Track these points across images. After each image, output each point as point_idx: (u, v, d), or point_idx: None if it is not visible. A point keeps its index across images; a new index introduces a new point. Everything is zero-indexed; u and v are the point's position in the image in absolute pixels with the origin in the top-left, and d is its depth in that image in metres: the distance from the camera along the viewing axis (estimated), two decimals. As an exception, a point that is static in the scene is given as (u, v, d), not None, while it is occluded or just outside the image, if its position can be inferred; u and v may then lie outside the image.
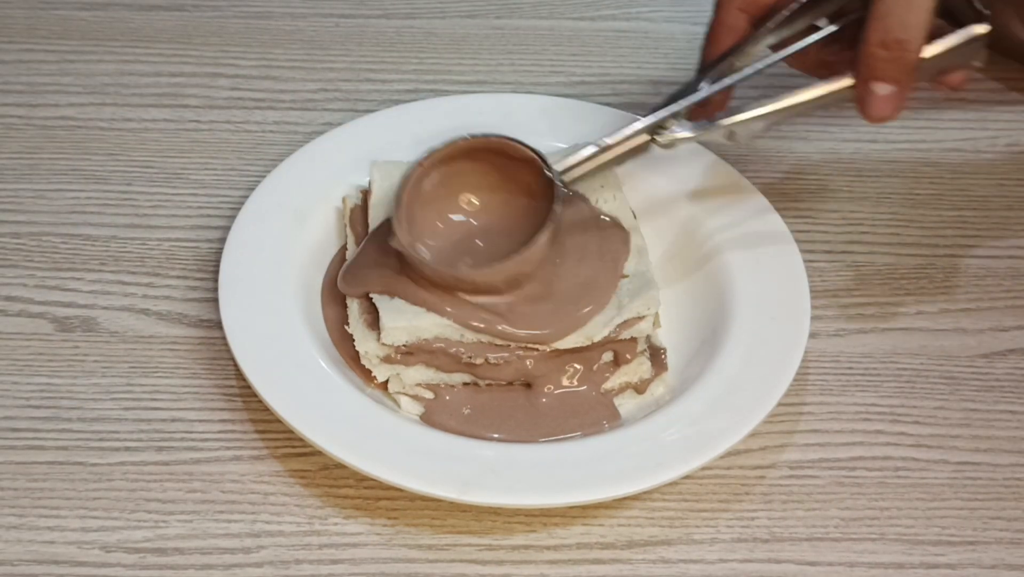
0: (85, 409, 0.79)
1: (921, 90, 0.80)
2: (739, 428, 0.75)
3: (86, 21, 1.04)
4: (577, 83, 1.02)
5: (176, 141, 0.95)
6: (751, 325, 0.80)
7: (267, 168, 0.89)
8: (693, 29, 1.06)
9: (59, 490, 0.75)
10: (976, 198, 0.95)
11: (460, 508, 0.74)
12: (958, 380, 0.84)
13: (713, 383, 0.78)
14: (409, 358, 0.78)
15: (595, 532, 0.75)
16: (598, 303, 0.79)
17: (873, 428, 0.81)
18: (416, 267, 0.78)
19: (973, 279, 0.89)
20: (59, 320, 0.83)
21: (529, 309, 0.79)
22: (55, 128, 0.95)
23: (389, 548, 0.74)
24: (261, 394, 0.75)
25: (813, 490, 0.78)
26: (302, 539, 0.74)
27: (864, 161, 0.97)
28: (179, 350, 0.82)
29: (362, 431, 0.74)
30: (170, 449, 0.77)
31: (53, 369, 0.81)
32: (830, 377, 0.83)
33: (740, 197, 0.88)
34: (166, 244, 0.88)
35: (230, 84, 1.00)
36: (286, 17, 1.06)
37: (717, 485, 0.77)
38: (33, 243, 0.87)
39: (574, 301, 0.79)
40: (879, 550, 0.75)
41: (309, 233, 0.85)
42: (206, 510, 0.75)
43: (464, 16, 1.07)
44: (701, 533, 0.75)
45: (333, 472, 0.76)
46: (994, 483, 0.79)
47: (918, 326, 0.86)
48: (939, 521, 0.77)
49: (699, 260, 0.85)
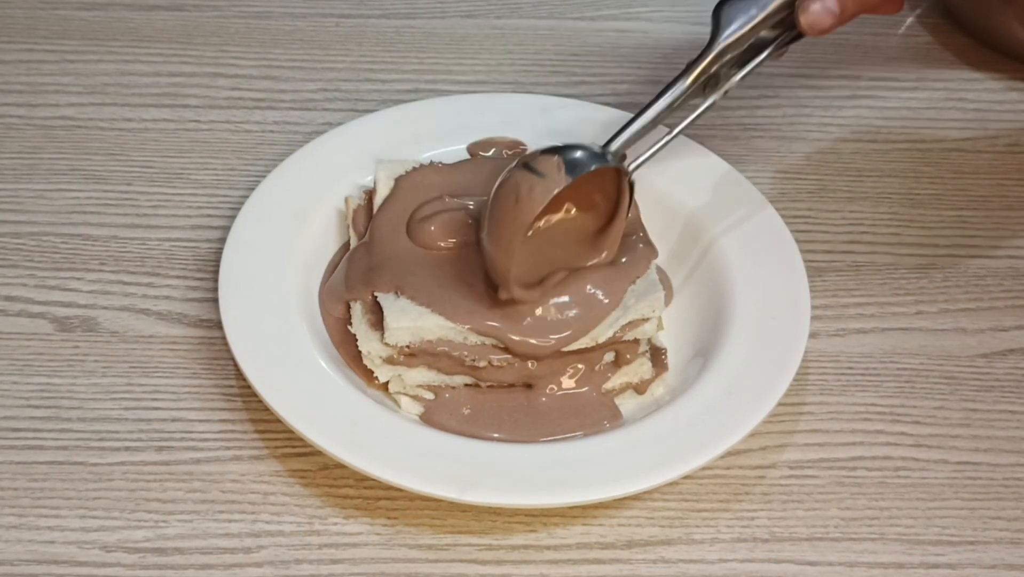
0: (85, 409, 0.79)
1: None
2: (739, 428, 0.75)
3: (86, 21, 1.04)
4: (577, 83, 1.02)
5: (176, 141, 0.95)
6: (751, 325, 0.80)
7: (267, 168, 0.89)
8: (693, 29, 1.06)
9: (59, 490, 0.75)
10: (976, 198, 0.95)
11: (460, 508, 0.74)
12: (958, 380, 0.83)
13: (713, 383, 0.78)
14: (412, 359, 0.78)
15: (595, 532, 0.75)
16: (606, 310, 0.79)
17: (873, 428, 0.81)
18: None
19: (973, 279, 0.89)
20: (59, 320, 0.83)
21: (539, 318, 0.79)
22: (55, 128, 0.95)
23: (389, 548, 0.74)
24: (261, 394, 0.75)
25: (813, 490, 0.77)
26: (302, 539, 0.74)
27: (864, 161, 0.97)
28: (179, 350, 0.82)
29: (362, 431, 0.74)
30: (170, 449, 0.77)
31: (53, 369, 0.81)
32: (830, 377, 0.83)
33: (740, 197, 0.88)
34: (166, 244, 0.88)
35: (230, 84, 1.00)
36: (286, 17, 1.06)
37: (717, 485, 0.77)
38: (33, 243, 0.87)
39: (585, 310, 0.79)
40: (879, 550, 0.75)
41: (309, 233, 0.84)
42: (206, 510, 0.75)
43: (464, 16, 1.07)
44: (701, 533, 0.75)
45: (333, 472, 0.76)
46: (994, 483, 0.78)
47: (918, 326, 0.86)
48: (939, 521, 0.76)
49: (699, 260, 0.85)
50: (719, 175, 0.89)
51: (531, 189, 0.76)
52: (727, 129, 0.98)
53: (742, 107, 1.00)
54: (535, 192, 0.76)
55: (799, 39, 0.82)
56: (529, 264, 0.78)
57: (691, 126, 0.82)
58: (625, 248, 0.82)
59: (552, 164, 0.76)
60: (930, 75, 1.04)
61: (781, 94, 1.02)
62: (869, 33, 1.08)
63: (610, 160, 0.78)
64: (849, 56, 1.06)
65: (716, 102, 0.82)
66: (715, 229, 0.86)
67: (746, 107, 1.00)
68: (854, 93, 1.03)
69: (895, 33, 1.08)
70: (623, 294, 0.80)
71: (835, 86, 1.03)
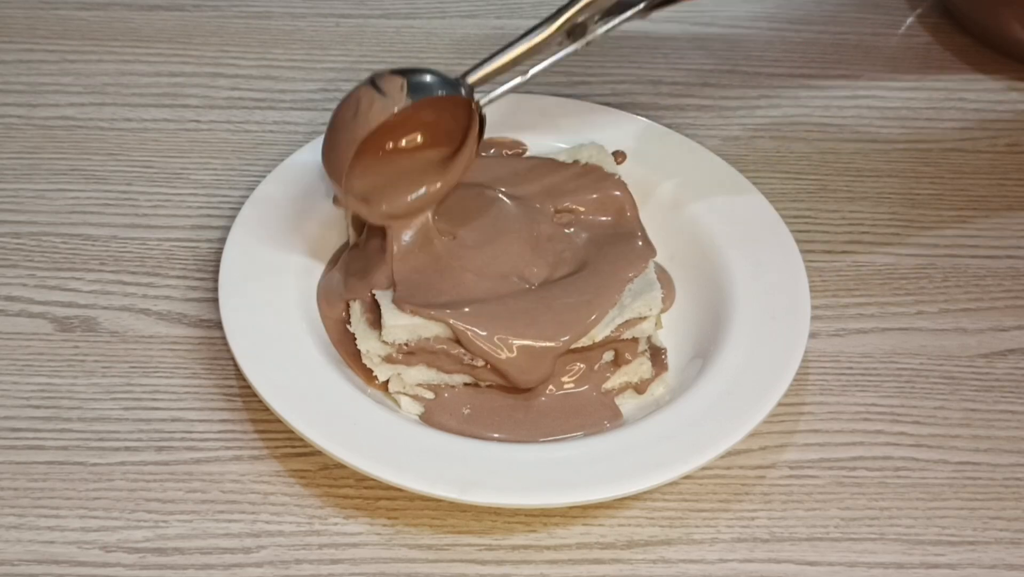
0: (85, 409, 0.79)
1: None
2: (739, 428, 0.75)
3: (86, 21, 1.04)
4: (577, 83, 1.01)
5: (176, 141, 0.95)
6: (751, 325, 0.80)
7: (267, 168, 0.89)
8: (693, 29, 1.06)
9: (59, 490, 0.75)
10: (976, 198, 0.95)
11: (460, 508, 0.74)
12: (958, 380, 0.83)
13: (713, 383, 0.78)
14: (411, 358, 0.78)
15: (595, 532, 0.75)
16: (602, 310, 0.79)
17: (873, 428, 0.81)
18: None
19: (973, 279, 0.89)
20: (59, 320, 0.83)
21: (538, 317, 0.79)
22: (55, 128, 0.95)
23: (389, 548, 0.74)
24: (261, 394, 0.75)
25: (813, 490, 0.77)
26: (302, 539, 0.74)
27: (864, 161, 0.97)
28: (179, 350, 0.82)
29: (362, 431, 0.74)
30: (170, 449, 0.77)
31: (53, 369, 0.81)
32: (830, 377, 0.83)
33: (740, 197, 0.88)
34: (166, 244, 0.88)
35: (230, 84, 1.00)
36: (286, 17, 1.06)
37: (717, 485, 0.77)
38: (33, 243, 0.87)
39: (581, 310, 0.79)
40: (879, 550, 0.75)
41: (309, 233, 0.84)
42: (206, 510, 0.74)
43: (464, 16, 1.07)
44: (701, 533, 0.75)
45: (333, 472, 0.76)
46: (994, 483, 0.78)
47: (918, 326, 0.86)
48: (939, 521, 0.76)
49: (699, 260, 0.85)
50: (719, 175, 0.89)
51: (371, 105, 0.77)
52: (727, 129, 0.99)
53: (742, 107, 1.00)
54: (373, 108, 0.77)
55: (671, 3, 0.83)
56: (367, 179, 0.79)
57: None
58: (623, 247, 0.83)
59: (396, 84, 0.77)
60: (930, 75, 1.04)
61: (781, 94, 1.02)
62: (869, 33, 1.08)
63: (461, 91, 0.78)
64: (849, 56, 1.06)
65: (577, 50, 0.82)
66: (714, 229, 0.86)
67: (746, 107, 1.01)
68: (854, 93, 1.03)
69: (895, 33, 1.08)
70: (620, 293, 0.80)
71: (835, 86, 1.03)
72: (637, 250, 0.83)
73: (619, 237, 0.84)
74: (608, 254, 0.82)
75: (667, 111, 0.99)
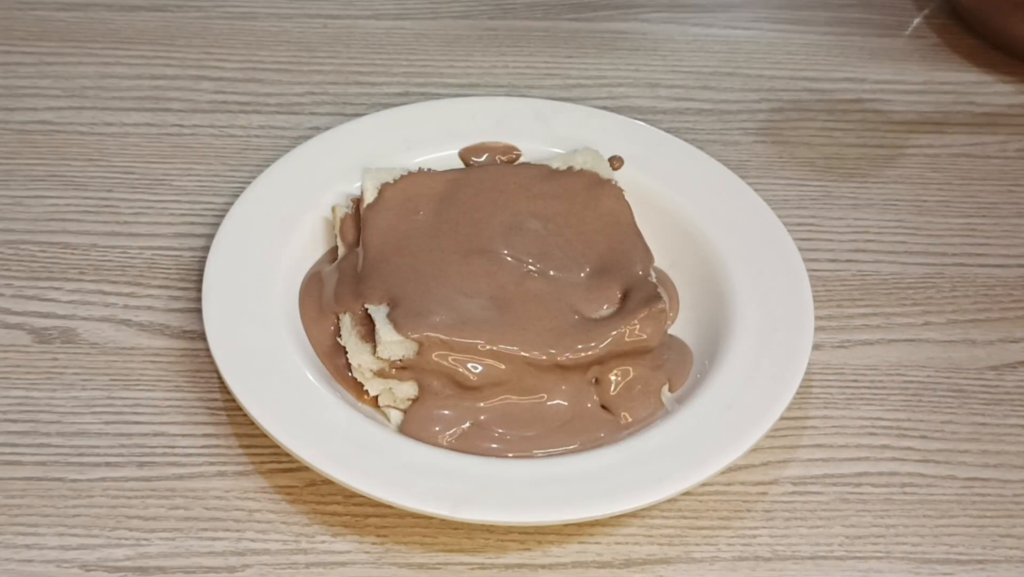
0: (64, 423, 0.78)
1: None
2: (740, 443, 0.74)
3: (65, 22, 1.04)
4: (573, 86, 1.02)
5: (158, 146, 0.95)
6: (753, 336, 0.80)
7: (252, 174, 0.89)
8: (691, 31, 1.08)
9: (37, 507, 0.74)
10: (985, 205, 0.95)
11: (452, 525, 0.74)
12: (966, 393, 0.83)
13: (714, 396, 0.77)
14: (403, 372, 0.77)
15: (591, 550, 0.74)
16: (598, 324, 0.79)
17: (879, 443, 0.80)
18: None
19: (982, 289, 0.89)
20: (37, 331, 0.83)
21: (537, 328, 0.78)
22: (33, 132, 0.95)
23: (378, 567, 0.73)
24: (246, 407, 0.74)
25: (817, 507, 0.77)
26: (288, 557, 0.73)
27: (869, 167, 0.97)
28: (161, 362, 0.81)
29: (350, 446, 0.73)
30: (152, 464, 0.77)
31: (31, 382, 0.80)
32: (834, 390, 0.83)
33: (742, 204, 0.88)
34: (148, 253, 0.87)
35: (214, 87, 1.00)
36: (272, 18, 1.06)
37: (717, 502, 0.77)
38: (10, 251, 0.87)
39: (583, 320, 0.79)
40: (885, 569, 0.74)
41: (295, 242, 0.84)
42: (189, 527, 0.74)
43: (457, 17, 1.08)
44: (701, 551, 0.75)
45: (320, 488, 0.76)
46: (1004, 500, 0.78)
47: (925, 337, 0.86)
48: (947, 539, 0.76)
49: (700, 269, 0.85)
50: (720, 182, 0.89)
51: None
52: (728, 134, 0.99)
53: (743, 111, 1.01)
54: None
55: None
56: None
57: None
58: (620, 252, 0.82)
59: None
60: (938, 78, 1.05)
61: (784, 98, 1.02)
62: (875, 35, 1.09)
63: None
64: (854, 58, 1.07)
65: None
66: (716, 237, 0.85)
67: (747, 111, 1.01)
68: (859, 96, 1.03)
69: (902, 34, 1.09)
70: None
71: (840, 89, 1.04)
72: (634, 256, 0.82)
73: (614, 245, 0.83)
74: (604, 262, 0.82)
75: (665, 115, 1.00)
